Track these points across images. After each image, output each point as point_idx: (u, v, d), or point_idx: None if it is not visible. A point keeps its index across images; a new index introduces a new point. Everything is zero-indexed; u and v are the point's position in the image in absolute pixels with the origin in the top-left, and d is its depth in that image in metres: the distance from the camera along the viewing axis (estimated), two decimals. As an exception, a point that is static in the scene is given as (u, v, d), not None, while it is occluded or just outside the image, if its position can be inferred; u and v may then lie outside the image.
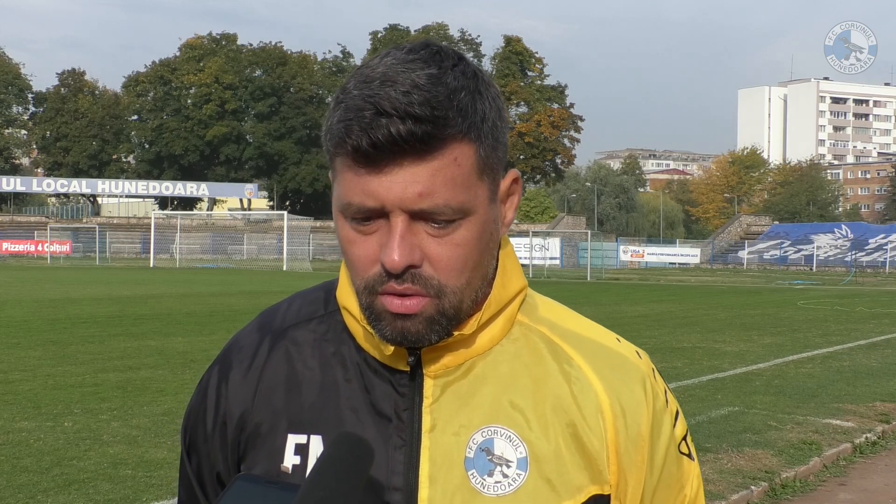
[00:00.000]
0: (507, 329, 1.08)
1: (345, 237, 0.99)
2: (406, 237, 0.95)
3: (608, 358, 1.09)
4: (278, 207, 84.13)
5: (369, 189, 0.94)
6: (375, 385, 1.05)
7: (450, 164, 0.94)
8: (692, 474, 1.14)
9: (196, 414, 1.14)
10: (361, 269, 0.98)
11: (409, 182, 0.93)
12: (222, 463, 1.10)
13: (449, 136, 0.94)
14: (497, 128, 0.99)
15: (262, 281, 36.26)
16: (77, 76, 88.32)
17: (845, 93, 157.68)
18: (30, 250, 63.92)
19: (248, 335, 1.15)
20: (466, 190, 0.96)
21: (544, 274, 47.09)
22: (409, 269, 0.95)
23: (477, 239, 0.98)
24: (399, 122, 0.91)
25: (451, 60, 0.97)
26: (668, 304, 25.32)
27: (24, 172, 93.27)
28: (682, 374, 11.17)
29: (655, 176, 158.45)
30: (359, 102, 0.93)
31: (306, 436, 1.04)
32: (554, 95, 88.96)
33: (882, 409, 9.20)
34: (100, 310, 19.57)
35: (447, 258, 0.97)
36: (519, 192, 1.06)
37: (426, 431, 1.03)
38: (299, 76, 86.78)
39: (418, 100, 0.92)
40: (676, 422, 1.12)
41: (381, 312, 0.98)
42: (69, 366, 11.07)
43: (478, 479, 1.01)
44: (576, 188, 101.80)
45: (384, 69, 0.95)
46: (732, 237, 74.46)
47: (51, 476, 6.13)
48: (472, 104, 0.96)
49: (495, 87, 1.01)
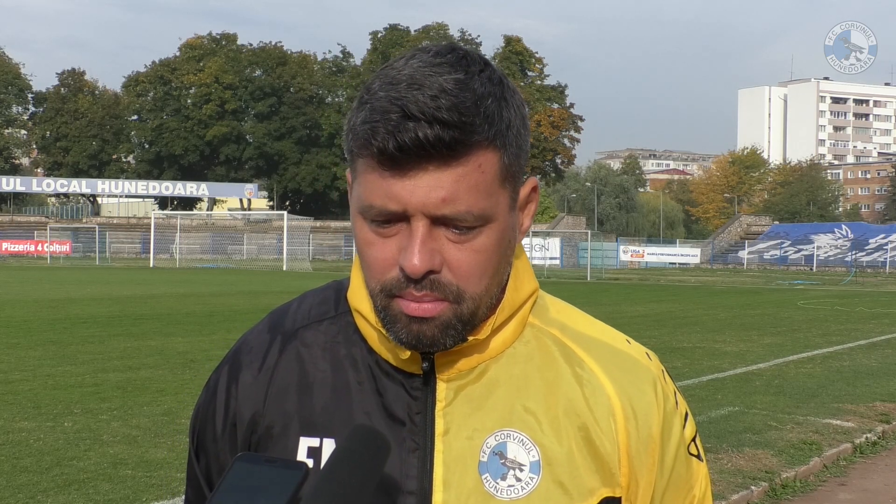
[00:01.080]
0: (520, 332, 1.08)
1: (363, 238, 0.98)
2: (427, 242, 0.94)
3: (619, 360, 1.09)
4: (278, 207, 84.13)
5: (392, 192, 0.93)
6: (388, 388, 1.05)
7: (474, 170, 0.94)
8: (700, 475, 1.15)
9: (205, 414, 1.13)
10: (379, 271, 0.97)
11: (433, 187, 0.92)
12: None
13: (475, 143, 0.93)
14: (521, 136, 0.99)
15: (262, 281, 36.25)
16: (77, 76, 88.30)
17: (845, 93, 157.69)
18: (30, 250, 63.91)
19: (258, 335, 1.14)
20: (489, 197, 0.95)
21: (544, 274, 47.08)
22: (429, 274, 0.95)
23: (496, 246, 0.98)
24: (427, 126, 0.90)
25: (477, 66, 0.96)
26: (668, 304, 25.32)
27: (24, 172, 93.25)
28: (682, 374, 11.18)
29: (655, 176, 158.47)
30: (385, 104, 0.92)
31: (319, 439, 1.04)
32: (554, 95, 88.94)
33: (882, 409, 9.20)
34: (100, 310, 19.57)
35: (467, 264, 0.96)
36: (537, 199, 1.06)
37: (440, 435, 1.02)
38: (299, 76, 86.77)
39: (446, 105, 0.91)
40: (686, 423, 1.13)
41: (398, 315, 0.98)
42: (69, 366, 11.07)
43: (491, 482, 1.01)
44: (576, 188, 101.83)
45: (410, 71, 0.94)
46: (732, 237, 74.46)
47: (51, 476, 6.13)
48: (498, 111, 0.95)
49: (519, 94, 1.01)
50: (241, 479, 0.83)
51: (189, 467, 1.16)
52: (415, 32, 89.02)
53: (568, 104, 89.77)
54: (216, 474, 1.12)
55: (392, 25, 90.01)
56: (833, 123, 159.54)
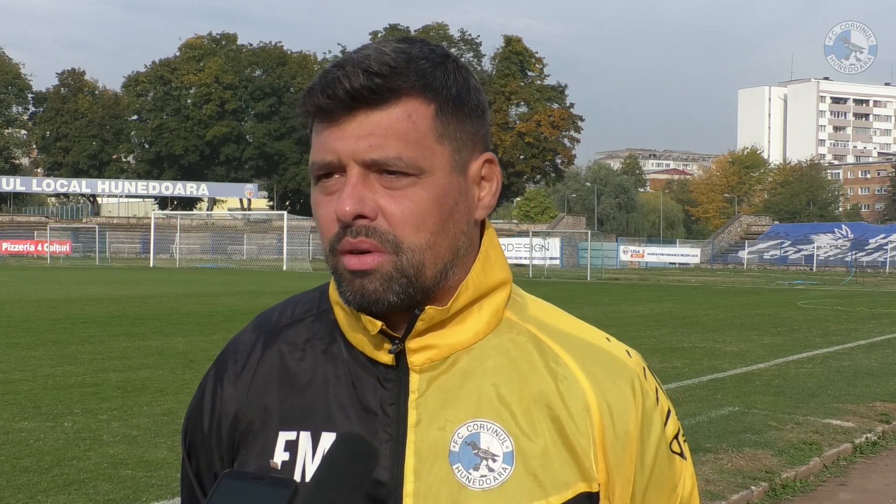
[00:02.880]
0: (494, 324, 1.08)
1: (315, 202, 1.02)
2: (357, 187, 0.97)
3: (596, 356, 1.09)
4: (278, 207, 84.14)
5: (328, 144, 0.98)
6: (363, 380, 1.05)
7: (403, 118, 0.97)
8: (685, 473, 1.13)
9: (195, 416, 1.15)
10: (325, 229, 1.00)
11: (363, 134, 0.96)
12: (219, 463, 1.12)
13: (402, 90, 0.97)
14: (462, 101, 1.01)
15: (262, 281, 36.25)
16: (77, 76, 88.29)
17: (845, 93, 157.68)
18: (30, 250, 63.89)
19: (243, 336, 1.17)
20: (422, 148, 0.98)
21: (544, 274, 47.07)
22: (361, 219, 0.97)
23: (433, 200, 0.99)
24: (354, 76, 0.95)
25: (427, 44, 1.01)
26: (668, 304, 25.32)
27: (24, 172, 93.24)
28: (682, 374, 11.16)
29: (655, 176, 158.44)
30: (328, 68, 0.99)
31: (296, 432, 1.05)
32: (554, 95, 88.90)
33: (882, 409, 9.20)
34: (100, 310, 19.57)
35: (400, 212, 0.98)
36: (497, 176, 1.07)
37: (412, 426, 1.03)
38: (299, 76, 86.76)
39: (377, 58, 0.97)
40: (668, 420, 1.11)
41: (343, 273, 1.00)
42: (69, 366, 11.07)
43: (463, 472, 1.01)
44: (576, 188, 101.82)
45: (362, 47, 1.00)
46: (732, 237, 74.45)
47: (51, 476, 6.12)
48: (432, 71, 0.99)
49: (474, 77, 1.03)
50: (228, 498, 0.82)
51: (182, 469, 1.18)
52: (415, 33, 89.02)
53: (568, 104, 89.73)
54: (207, 475, 1.13)
55: (392, 25, 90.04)
56: (833, 123, 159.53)
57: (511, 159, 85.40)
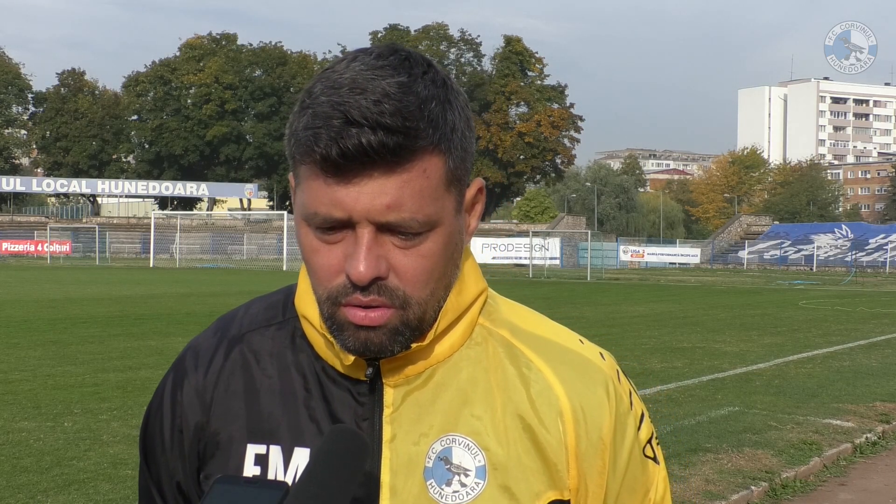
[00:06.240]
0: (469, 334, 1.06)
1: (308, 245, 0.97)
2: (373, 249, 0.93)
3: (569, 360, 1.07)
4: (278, 207, 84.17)
5: (337, 199, 0.91)
6: (335, 395, 1.03)
7: (419, 176, 0.92)
8: (657, 478, 1.12)
9: (153, 422, 1.12)
10: (325, 278, 0.96)
11: (378, 194, 0.91)
12: (181, 472, 1.09)
13: (419, 149, 0.92)
14: (465, 138, 0.97)
15: (261, 281, 36.23)
16: (77, 76, 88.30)
17: (845, 93, 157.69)
18: (30, 250, 63.86)
19: (204, 340, 1.13)
20: (434, 202, 0.94)
21: (544, 274, 47.08)
22: (376, 280, 0.94)
23: (443, 250, 0.97)
24: (370, 132, 0.89)
25: (420, 68, 0.94)
26: (668, 304, 25.32)
27: (24, 172, 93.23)
28: (683, 374, 11.18)
29: (655, 176, 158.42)
30: (327, 109, 0.90)
31: (266, 446, 1.03)
32: (554, 95, 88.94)
33: (882, 409, 9.20)
34: (100, 310, 19.57)
35: (413, 270, 0.95)
36: (483, 200, 1.05)
37: (387, 441, 1.01)
38: (299, 76, 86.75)
39: (389, 109, 0.89)
40: (641, 425, 1.10)
41: (344, 323, 0.96)
42: (69, 366, 11.07)
43: (436, 488, 1.00)
44: (576, 188, 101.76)
45: (352, 75, 0.92)
46: (732, 237, 74.45)
47: (51, 476, 6.13)
48: (442, 115, 0.93)
49: (464, 95, 1.00)
50: (222, 502, 0.82)
51: (140, 476, 1.14)
52: (415, 32, 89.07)
53: (568, 104, 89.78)
54: (167, 483, 1.10)
55: (392, 25, 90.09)
56: (833, 123, 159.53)
57: (511, 159, 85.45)
